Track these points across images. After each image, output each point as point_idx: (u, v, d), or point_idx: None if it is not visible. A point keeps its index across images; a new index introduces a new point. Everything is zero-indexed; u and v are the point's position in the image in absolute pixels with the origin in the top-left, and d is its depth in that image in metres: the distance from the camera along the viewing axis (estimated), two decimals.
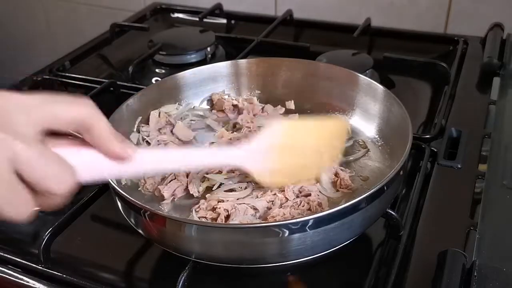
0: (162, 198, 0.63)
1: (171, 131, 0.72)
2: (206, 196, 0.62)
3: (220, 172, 0.65)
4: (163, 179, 0.65)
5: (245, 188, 0.62)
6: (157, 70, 1.01)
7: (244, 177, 0.64)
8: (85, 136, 0.43)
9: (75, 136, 0.44)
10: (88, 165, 0.44)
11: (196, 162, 0.56)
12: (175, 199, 0.63)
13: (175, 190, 0.63)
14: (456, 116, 0.79)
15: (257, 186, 0.63)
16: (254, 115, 0.75)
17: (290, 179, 0.60)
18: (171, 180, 0.64)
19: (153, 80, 0.98)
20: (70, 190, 0.40)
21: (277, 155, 0.58)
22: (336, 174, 0.63)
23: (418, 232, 0.60)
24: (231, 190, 0.62)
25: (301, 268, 0.56)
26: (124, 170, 0.46)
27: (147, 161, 0.49)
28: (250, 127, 0.72)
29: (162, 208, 0.62)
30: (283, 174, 0.59)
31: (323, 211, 0.51)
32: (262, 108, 0.76)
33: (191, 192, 0.63)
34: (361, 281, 0.56)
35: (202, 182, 0.65)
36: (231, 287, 0.57)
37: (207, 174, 0.65)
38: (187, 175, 0.64)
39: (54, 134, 0.42)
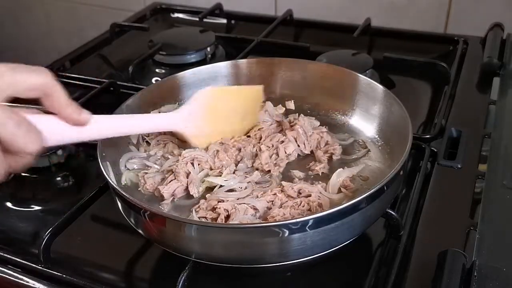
0: (162, 198, 0.63)
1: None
2: (206, 196, 0.62)
3: (220, 174, 0.65)
4: (163, 179, 0.65)
5: (245, 188, 0.62)
6: (157, 70, 1.01)
7: (244, 178, 0.64)
8: (45, 102, 0.48)
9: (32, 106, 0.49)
10: (50, 130, 0.49)
11: (142, 127, 0.64)
12: (175, 199, 0.63)
13: (175, 190, 0.63)
14: (456, 116, 0.79)
15: (257, 186, 0.64)
16: None
17: (217, 138, 0.69)
18: (171, 180, 0.64)
19: (153, 80, 0.98)
20: (38, 150, 0.45)
21: (206, 120, 0.67)
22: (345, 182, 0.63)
23: (418, 232, 0.61)
24: (231, 190, 0.62)
25: (301, 268, 0.56)
26: (82, 135, 0.53)
27: (100, 126, 0.56)
28: None
29: (162, 208, 0.62)
30: (213, 135, 0.69)
31: (323, 211, 0.51)
32: (261, 107, 0.76)
33: (191, 193, 0.63)
34: (361, 281, 0.56)
35: (202, 182, 0.65)
36: (231, 287, 0.57)
37: (207, 176, 0.65)
38: (187, 176, 0.64)
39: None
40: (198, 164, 0.66)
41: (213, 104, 0.67)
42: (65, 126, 0.50)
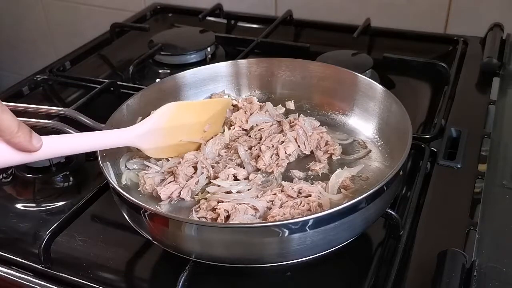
0: (160, 198, 0.63)
1: None
2: (207, 196, 0.62)
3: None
4: (163, 180, 0.65)
5: (249, 189, 0.62)
6: (157, 70, 1.01)
7: (248, 181, 0.64)
8: None
9: None
10: None
11: (96, 144, 0.60)
12: (172, 201, 0.63)
13: (172, 192, 0.63)
14: (455, 116, 0.79)
15: (260, 186, 0.64)
16: (251, 114, 0.74)
17: (176, 152, 0.68)
18: (170, 181, 0.64)
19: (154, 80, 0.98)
20: None
21: (166, 134, 0.66)
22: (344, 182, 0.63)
23: (418, 232, 0.61)
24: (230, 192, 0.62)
25: (301, 268, 0.56)
26: (30, 157, 0.51)
27: (50, 148, 0.53)
28: (241, 127, 0.73)
29: (161, 209, 0.62)
30: (171, 149, 0.67)
31: (323, 211, 0.51)
32: (261, 107, 0.76)
33: (182, 196, 0.63)
34: (361, 281, 0.56)
35: (201, 193, 0.64)
36: (231, 287, 0.57)
37: (209, 182, 0.65)
38: (187, 179, 0.64)
39: None
40: (203, 167, 0.65)
41: (176, 119, 0.66)
42: (10, 150, 0.49)
